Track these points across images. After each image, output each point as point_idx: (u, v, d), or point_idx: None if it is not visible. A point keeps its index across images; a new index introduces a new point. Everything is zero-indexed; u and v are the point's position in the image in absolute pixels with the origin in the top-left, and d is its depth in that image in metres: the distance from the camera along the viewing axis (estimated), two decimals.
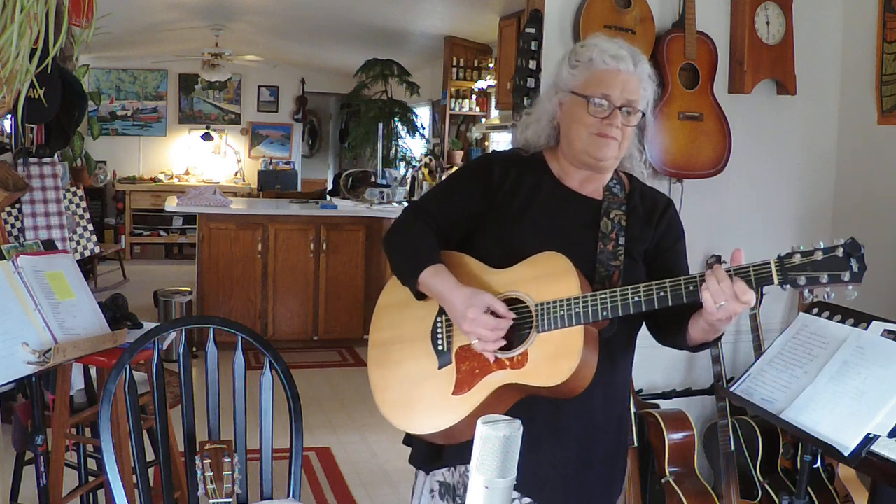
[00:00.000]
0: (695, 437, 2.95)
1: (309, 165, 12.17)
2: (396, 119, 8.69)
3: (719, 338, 1.65)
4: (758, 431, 2.96)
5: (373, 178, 7.74)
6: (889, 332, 1.85)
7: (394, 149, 8.74)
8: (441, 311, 1.70)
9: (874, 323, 1.90)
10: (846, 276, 1.41)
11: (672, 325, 1.66)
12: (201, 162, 10.83)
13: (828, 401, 1.78)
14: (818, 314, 2.01)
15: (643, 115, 1.71)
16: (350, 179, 7.65)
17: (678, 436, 2.92)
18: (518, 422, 1.05)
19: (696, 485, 2.91)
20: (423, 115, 9.13)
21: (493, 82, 7.43)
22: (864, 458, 1.68)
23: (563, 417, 1.68)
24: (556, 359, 1.55)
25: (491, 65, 7.67)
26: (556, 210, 1.74)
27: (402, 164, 8.68)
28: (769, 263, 1.44)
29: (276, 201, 7.31)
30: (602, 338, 1.61)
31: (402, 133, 8.79)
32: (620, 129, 1.68)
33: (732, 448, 2.96)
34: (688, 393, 3.13)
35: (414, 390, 1.70)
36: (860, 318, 1.93)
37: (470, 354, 1.65)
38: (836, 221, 3.29)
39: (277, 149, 11.26)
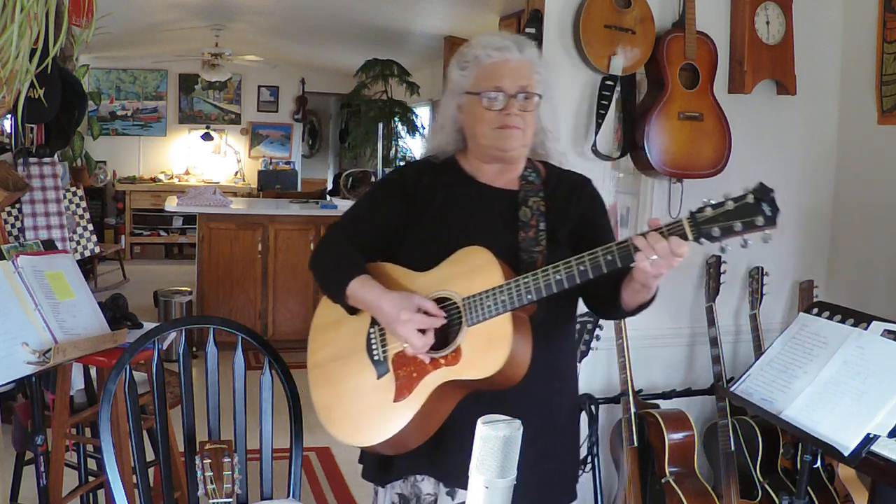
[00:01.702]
0: (695, 437, 2.95)
1: (309, 165, 12.17)
2: (396, 119, 8.69)
3: (654, 298, 1.64)
4: (758, 431, 2.96)
5: (373, 178, 7.73)
6: (889, 332, 1.85)
7: (394, 149, 8.73)
8: (373, 322, 1.71)
9: (874, 323, 1.90)
10: (760, 220, 1.41)
11: (605, 294, 1.67)
12: (201, 162, 10.82)
13: (828, 401, 1.78)
14: (818, 314, 2.01)
15: (541, 98, 1.73)
16: (350, 179, 7.65)
17: (678, 436, 2.92)
18: (518, 422, 1.06)
19: (696, 485, 2.91)
20: (423, 115, 9.13)
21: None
22: (864, 458, 1.69)
23: (511, 411, 1.66)
24: (488, 349, 1.56)
25: None
26: (474, 207, 1.76)
27: (402, 163, 8.67)
28: (681, 221, 1.46)
29: (276, 201, 7.30)
30: (535, 322, 1.61)
31: (402, 133, 8.79)
32: (521, 117, 1.70)
33: (732, 448, 2.96)
34: (688, 393, 3.13)
35: (357, 404, 1.70)
36: (860, 318, 1.93)
37: (406, 360, 1.65)
38: (836, 221, 3.29)
39: (277, 149, 11.26)
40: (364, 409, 1.69)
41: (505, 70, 1.70)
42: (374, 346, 1.71)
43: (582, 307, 1.82)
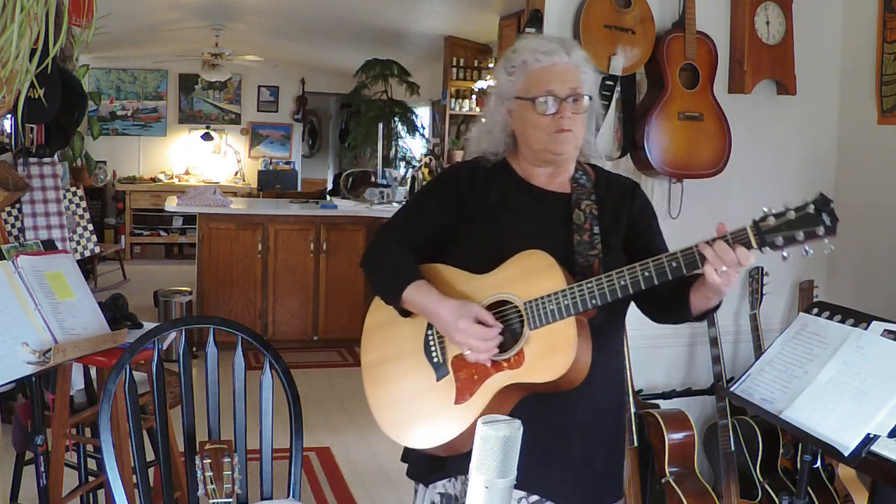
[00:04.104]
0: (695, 437, 2.95)
1: (309, 165, 12.17)
2: (396, 119, 8.69)
3: (718, 306, 1.66)
4: (758, 431, 2.96)
5: (373, 178, 7.74)
6: (889, 332, 1.85)
7: (394, 149, 8.74)
8: (431, 325, 1.71)
9: (874, 323, 1.89)
10: (821, 230, 1.43)
11: (672, 301, 1.68)
12: (201, 162, 10.83)
13: (828, 401, 1.78)
14: (818, 314, 2.01)
15: (590, 98, 1.73)
16: (350, 179, 7.65)
17: (678, 436, 2.92)
18: (518, 422, 1.05)
19: (696, 485, 2.91)
20: (423, 115, 9.13)
21: (493, 82, 7.42)
22: (864, 458, 1.68)
23: (566, 411, 1.69)
24: (552, 353, 1.57)
25: (491, 65, 7.67)
26: (528, 209, 1.76)
27: (402, 164, 8.68)
28: (745, 229, 1.47)
29: (276, 201, 7.30)
30: (592, 326, 1.62)
31: (402, 133, 8.79)
32: (573, 120, 1.70)
33: (732, 448, 2.96)
34: (688, 393, 3.13)
35: (415, 405, 1.71)
36: (860, 318, 1.93)
37: (466, 362, 1.65)
38: None
39: (277, 149, 11.26)
40: (422, 411, 1.69)
41: (554, 74, 1.70)
42: (432, 348, 1.71)
43: None
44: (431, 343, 1.71)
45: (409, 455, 1.86)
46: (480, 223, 1.75)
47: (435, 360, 1.70)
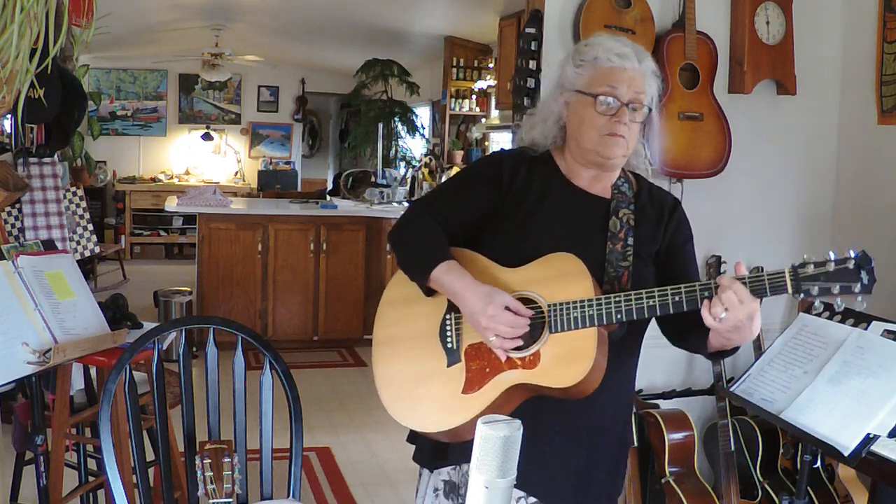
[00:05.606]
0: (695, 437, 2.95)
1: (309, 165, 12.17)
2: (396, 119, 8.69)
3: (736, 349, 1.64)
4: (758, 431, 2.96)
5: (373, 178, 7.74)
6: (889, 332, 1.85)
7: (394, 149, 8.74)
8: (450, 309, 1.69)
9: (874, 323, 1.90)
10: (857, 287, 1.44)
11: (695, 331, 1.66)
12: (201, 162, 10.83)
13: (828, 401, 1.78)
14: (818, 314, 2.01)
15: (649, 110, 1.71)
16: (350, 179, 7.65)
17: (678, 436, 2.92)
18: (518, 422, 1.05)
19: (696, 485, 2.91)
20: (423, 115, 9.13)
21: (493, 82, 7.43)
22: (864, 458, 1.69)
23: (572, 418, 1.69)
24: (568, 360, 1.56)
25: (491, 65, 7.67)
26: (565, 209, 1.74)
27: (402, 164, 8.68)
28: (783, 273, 1.47)
29: (276, 201, 7.31)
30: (611, 340, 1.61)
31: (402, 133, 8.79)
32: (628, 127, 1.68)
33: (732, 448, 2.96)
34: (688, 393, 3.13)
35: (421, 388, 1.69)
36: (860, 318, 1.93)
37: (480, 353, 1.64)
38: (836, 222, 3.28)
39: (277, 149, 11.26)
40: (427, 395, 1.68)
41: (622, 77, 1.67)
42: (448, 333, 1.69)
43: None
44: (448, 328, 1.69)
45: (415, 438, 1.85)
46: (517, 216, 1.73)
47: (449, 345, 1.68)
